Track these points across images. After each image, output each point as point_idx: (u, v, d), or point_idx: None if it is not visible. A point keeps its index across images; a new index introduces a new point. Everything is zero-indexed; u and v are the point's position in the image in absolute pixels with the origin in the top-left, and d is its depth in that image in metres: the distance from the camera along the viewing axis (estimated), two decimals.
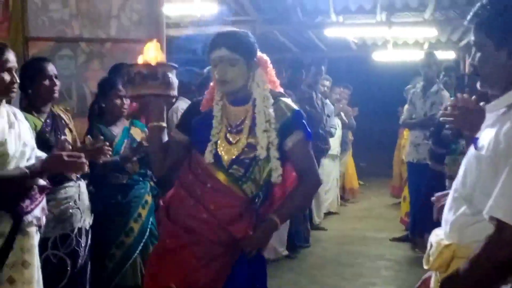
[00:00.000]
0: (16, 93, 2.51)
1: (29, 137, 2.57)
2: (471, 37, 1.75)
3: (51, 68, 3.05)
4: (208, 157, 2.29)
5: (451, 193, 1.79)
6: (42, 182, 2.56)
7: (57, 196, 2.97)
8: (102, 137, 2.97)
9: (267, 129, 2.27)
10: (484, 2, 1.69)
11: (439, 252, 1.73)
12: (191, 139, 2.40)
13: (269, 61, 2.43)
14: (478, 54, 1.71)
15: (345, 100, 7.78)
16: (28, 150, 2.50)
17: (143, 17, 4.13)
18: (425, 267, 1.83)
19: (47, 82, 3.00)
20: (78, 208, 3.06)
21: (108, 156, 2.95)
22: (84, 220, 3.11)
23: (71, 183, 3.05)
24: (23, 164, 2.45)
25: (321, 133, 6.18)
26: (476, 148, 1.68)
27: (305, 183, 2.38)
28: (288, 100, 2.39)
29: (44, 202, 2.59)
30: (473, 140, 1.72)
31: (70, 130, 3.16)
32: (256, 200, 2.36)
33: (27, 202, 2.46)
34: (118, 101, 3.39)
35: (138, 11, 4.12)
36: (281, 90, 2.47)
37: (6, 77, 2.40)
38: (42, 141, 2.85)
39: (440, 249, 1.73)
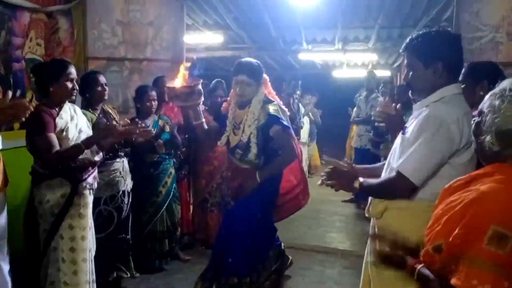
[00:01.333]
0: (76, 96, 2.50)
1: (85, 127, 2.56)
2: (404, 61, 1.76)
3: (102, 79, 3.03)
4: (222, 142, 2.69)
5: (385, 166, 1.82)
6: (96, 158, 2.56)
7: (108, 168, 2.98)
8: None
9: (250, 124, 2.54)
10: (414, 36, 1.71)
11: (376, 205, 1.76)
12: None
13: (268, 79, 2.70)
14: (411, 73, 1.71)
15: (312, 104, 7.75)
16: (83, 135, 2.49)
17: (170, 43, 4.14)
18: (366, 215, 1.85)
19: (99, 88, 2.98)
20: (122, 177, 3.06)
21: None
22: (127, 185, 3.11)
23: (117, 160, 3.05)
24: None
25: (294, 127, 6.19)
26: (403, 133, 1.71)
27: (282, 155, 2.62)
28: (271, 106, 2.58)
29: (95, 172, 2.59)
30: (402, 128, 1.75)
31: (116, 122, 3.13)
32: (259, 165, 2.64)
33: (83, 173, 2.46)
34: (148, 103, 3.35)
35: (166, 39, 4.12)
36: (276, 98, 2.74)
37: (69, 85, 2.40)
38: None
39: (376, 202, 1.76)
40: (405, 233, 1.43)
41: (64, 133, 2.38)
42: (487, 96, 1.19)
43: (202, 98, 2.56)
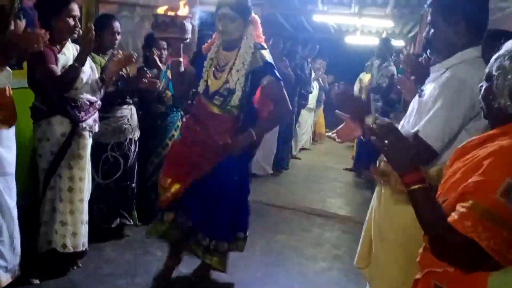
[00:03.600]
0: (76, 36, 2.42)
1: (88, 68, 2.50)
2: (428, 18, 1.67)
3: (116, 25, 2.96)
4: (200, 88, 2.32)
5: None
6: (93, 98, 2.52)
7: (115, 114, 2.97)
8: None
9: (240, 70, 2.24)
10: None
11: (386, 166, 1.72)
12: (196, 73, 2.38)
13: (259, 21, 2.35)
14: (432, 31, 1.66)
15: (322, 69, 7.66)
16: (85, 77, 2.44)
17: None
18: (374, 176, 1.81)
19: (111, 34, 2.93)
20: (130, 124, 3.05)
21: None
22: (134, 133, 3.10)
23: (125, 106, 3.02)
24: (81, 83, 2.41)
25: (303, 92, 6.14)
26: (420, 96, 1.68)
27: (277, 108, 2.37)
28: (265, 52, 2.31)
29: (96, 115, 2.57)
30: (419, 91, 1.71)
31: (126, 69, 3.09)
32: (239, 119, 2.34)
33: (82, 113, 2.45)
34: (158, 52, 3.27)
35: None
36: (264, 44, 2.37)
37: (71, 21, 2.36)
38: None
39: (386, 164, 1.71)
40: None
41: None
42: (492, 60, 1.16)
43: (188, 36, 2.20)
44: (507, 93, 1.10)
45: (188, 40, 2.24)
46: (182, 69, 2.31)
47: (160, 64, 3.25)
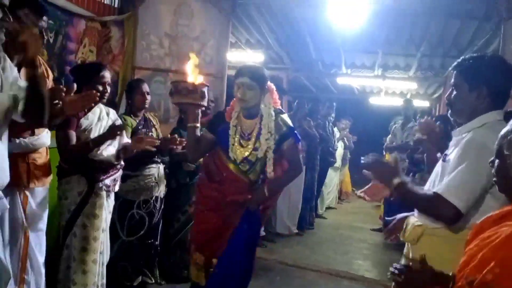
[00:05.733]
0: (105, 100, 2.55)
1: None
2: (451, 80, 1.72)
3: (145, 87, 3.11)
4: (232, 155, 2.34)
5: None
6: (116, 162, 2.58)
7: (143, 173, 3.04)
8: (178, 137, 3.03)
9: (268, 138, 2.31)
10: (467, 56, 1.69)
11: (413, 229, 1.72)
12: (216, 139, 2.41)
13: (275, 88, 2.44)
14: (454, 93, 1.69)
15: (347, 129, 7.72)
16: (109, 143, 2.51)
17: (213, 59, 4.21)
18: (401, 239, 1.80)
19: (141, 96, 3.07)
20: (157, 182, 3.10)
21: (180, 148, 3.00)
22: (160, 191, 3.15)
23: (153, 165, 3.09)
24: (104, 147, 2.49)
25: (330, 150, 6.16)
26: (444, 160, 1.68)
27: (292, 168, 2.42)
28: (285, 116, 2.40)
29: (116, 175, 2.60)
30: (443, 156, 1.72)
31: (156, 129, 3.23)
32: (257, 183, 2.40)
33: (100, 173, 2.50)
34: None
35: (210, 54, 4.20)
36: (281, 108, 2.46)
37: (100, 88, 2.47)
38: (135, 135, 2.93)
39: (414, 227, 1.72)
40: (440, 261, 1.40)
41: (87, 133, 2.46)
42: (501, 135, 1.17)
43: (205, 103, 2.27)
44: None
45: (207, 108, 2.34)
46: (198, 134, 2.36)
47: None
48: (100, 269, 2.55)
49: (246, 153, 2.34)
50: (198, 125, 2.33)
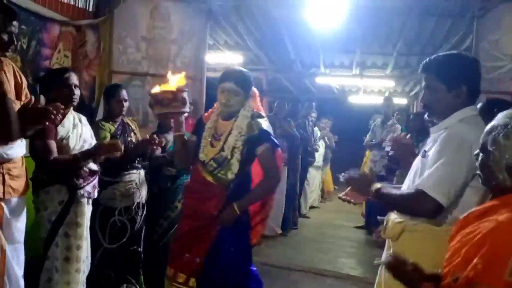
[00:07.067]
0: (75, 103, 2.50)
1: (89, 136, 2.56)
2: (423, 83, 1.74)
3: (123, 93, 3.05)
4: (202, 156, 2.29)
5: (404, 189, 1.80)
6: (93, 167, 2.55)
7: (123, 179, 2.97)
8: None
9: (237, 138, 2.24)
10: (434, 57, 1.72)
11: (393, 226, 1.74)
12: (197, 142, 2.37)
13: (257, 93, 2.41)
14: (430, 95, 1.71)
15: (328, 128, 7.79)
16: (86, 146, 2.49)
17: (191, 61, 4.19)
18: (382, 236, 1.84)
19: (118, 102, 3.01)
20: (138, 188, 3.05)
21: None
22: (142, 197, 3.09)
23: (134, 171, 3.04)
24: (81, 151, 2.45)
25: (309, 150, 6.19)
26: (423, 156, 1.71)
27: (267, 178, 2.31)
28: (262, 120, 2.31)
29: (95, 181, 2.57)
30: (422, 152, 1.75)
31: (135, 134, 3.18)
32: (229, 188, 2.27)
33: (81, 180, 2.45)
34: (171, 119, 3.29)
35: (188, 57, 4.19)
36: (262, 113, 2.39)
37: (66, 91, 2.43)
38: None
39: (394, 224, 1.74)
40: (421, 257, 1.42)
41: (65, 141, 2.42)
42: (486, 131, 1.21)
43: (187, 108, 2.25)
44: (505, 168, 1.14)
45: (188, 112, 2.30)
46: (186, 139, 2.34)
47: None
48: (82, 276, 2.51)
49: (214, 153, 2.28)
50: (184, 132, 2.31)
